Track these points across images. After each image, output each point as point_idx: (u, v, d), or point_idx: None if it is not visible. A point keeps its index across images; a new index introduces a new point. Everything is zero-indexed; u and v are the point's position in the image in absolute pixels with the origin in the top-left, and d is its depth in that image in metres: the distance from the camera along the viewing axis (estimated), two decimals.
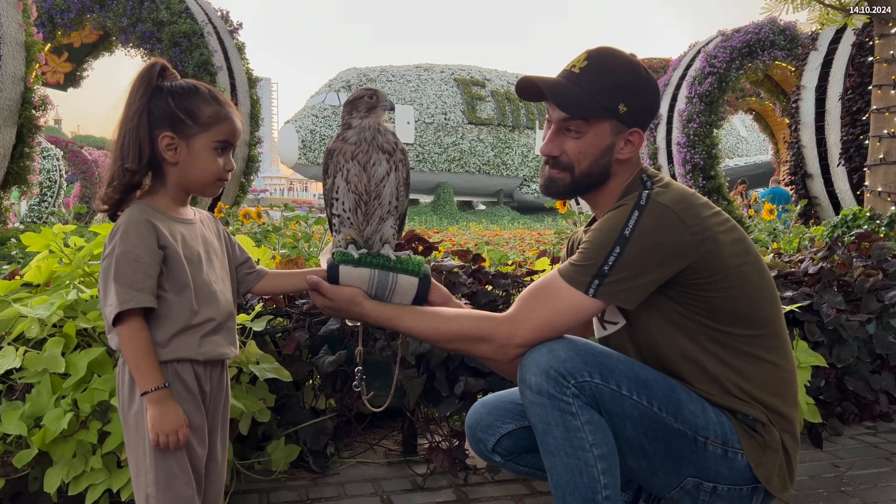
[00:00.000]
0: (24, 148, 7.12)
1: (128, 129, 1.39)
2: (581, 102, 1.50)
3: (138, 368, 1.33)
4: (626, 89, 1.51)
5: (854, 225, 5.40)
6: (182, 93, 1.42)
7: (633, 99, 1.51)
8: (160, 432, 1.31)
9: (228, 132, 1.44)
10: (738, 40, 12.68)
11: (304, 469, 2.38)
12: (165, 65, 1.45)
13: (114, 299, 1.31)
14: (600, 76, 1.51)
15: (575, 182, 1.57)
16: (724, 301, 1.46)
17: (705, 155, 12.38)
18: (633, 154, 1.56)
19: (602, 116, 1.51)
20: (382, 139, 1.52)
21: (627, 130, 1.53)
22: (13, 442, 1.92)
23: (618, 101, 1.50)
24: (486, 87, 32.94)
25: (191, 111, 1.40)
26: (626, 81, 1.51)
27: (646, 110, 1.55)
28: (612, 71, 1.51)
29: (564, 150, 1.55)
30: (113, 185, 1.39)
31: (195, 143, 1.41)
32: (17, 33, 6.73)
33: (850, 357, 2.76)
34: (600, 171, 1.56)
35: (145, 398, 1.32)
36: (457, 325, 1.51)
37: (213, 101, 1.43)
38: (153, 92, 1.41)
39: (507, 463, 1.70)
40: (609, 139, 1.53)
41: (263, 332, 2.30)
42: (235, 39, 11.55)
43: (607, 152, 1.54)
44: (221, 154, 1.44)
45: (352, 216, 1.56)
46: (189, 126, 1.40)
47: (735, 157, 31.89)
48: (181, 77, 1.47)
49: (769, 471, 1.46)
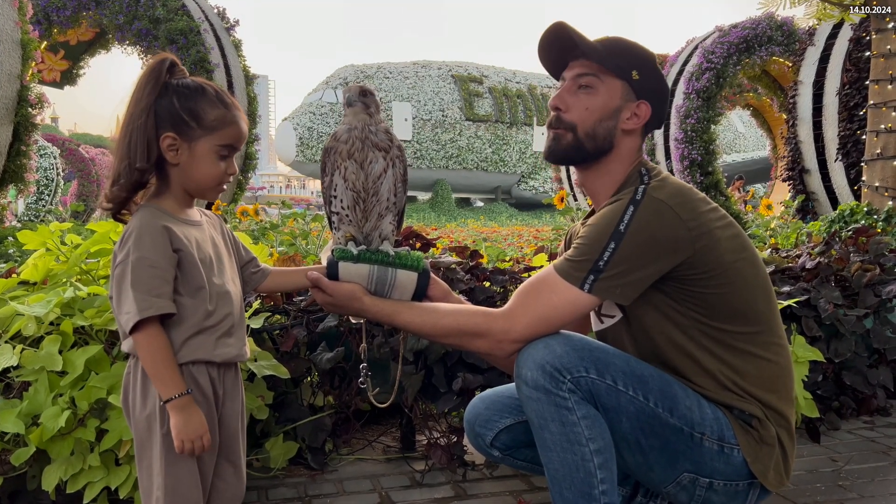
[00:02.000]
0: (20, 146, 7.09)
1: (135, 127, 1.34)
2: (598, 54, 1.55)
3: (159, 376, 1.30)
4: (640, 60, 1.57)
5: (851, 220, 5.40)
6: (188, 93, 1.38)
7: (646, 71, 1.57)
8: (185, 439, 1.29)
9: (233, 137, 1.41)
10: (736, 36, 12.67)
11: (303, 466, 2.38)
12: (175, 60, 1.41)
13: (132, 307, 1.28)
14: (617, 45, 1.58)
15: (577, 142, 1.57)
16: (719, 297, 1.46)
17: (703, 151, 12.37)
18: (637, 126, 1.57)
19: (615, 73, 1.55)
20: (375, 137, 1.52)
21: (636, 101, 1.56)
22: (11, 440, 1.92)
23: (632, 66, 1.55)
24: (483, 83, 32.91)
25: (195, 113, 1.37)
26: (641, 55, 1.58)
27: (657, 87, 1.59)
28: (629, 45, 1.60)
29: (571, 107, 1.57)
30: (119, 184, 1.36)
31: (197, 146, 1.38)
32: (13, 31, 6.71)
33: (847, 352, 2.77)
34: (604, 136, 1.56)
35: (168, 406, 1.30)
36: (453, 321, 1.51)
37: (220, 104, 1.40)
38: (161, 89, 1.37)
39: (505, 457, 1.70)
40: (618, 101, 1.56)
41: (261, 330, 2.30)
42: (232, 36, 11.52)
43: (614, 115, 1.56)
44: (224, 158, 1.41)
45: (350, 213, 1.56)
46: (192, 128, 1.37)
47: (733, 152, 31.89)
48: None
49: (765, 466, 1.46)
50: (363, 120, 1.53)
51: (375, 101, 1.57)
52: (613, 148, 1.58)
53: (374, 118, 1.55)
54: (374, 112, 1.55)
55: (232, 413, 1.46)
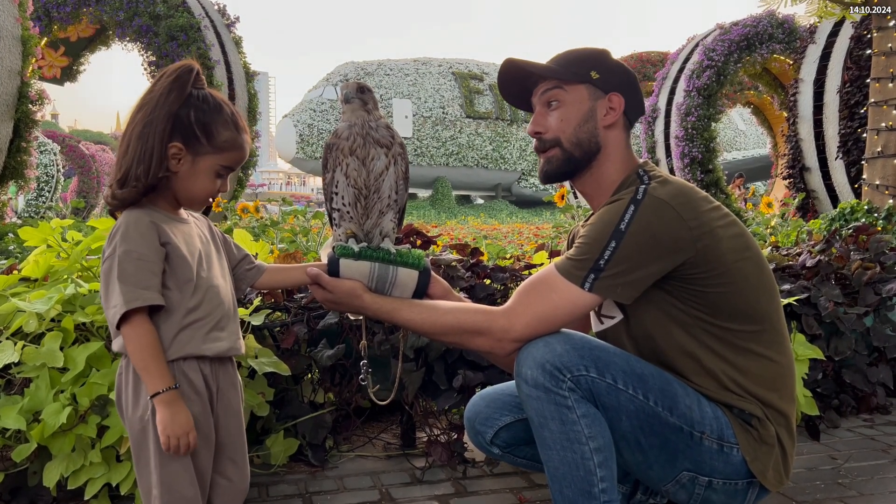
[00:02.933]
0: (21, 142, 7.09)
1: (154, 132, 1.34)
2: (552, 70, 1.60)
3: (146, 370, 1.29)
4: (593, 60, 1.60)
5: (852, 218, 5.40)
6: (206, 109, 1.38)
7: (602, 66, 1.60)
8: (171, 435, 1.28)
9: (236, 160, 1.43)
10: (737, 34, 12.66)
11: (303, 463, 2.38)
12: (199, 70, 1.41)
13: (119, 299, 1.28)
14: (568, 56, 1.64)
15: (567, 155, 1.59)
16: (722, 296, 1.46)
17: (703, 148, 12.37)
18: (616, 118, 1.59)
19: (575, 80, 1.57)
20: (377, 134, 1.52)
21: (605, 95, 1.58)
22: (12, 436, 1.92)
23: (587, 68, 1.58)
24: (484, 80, 32.85)
25: (209, 130, 1.37)
26: (593, 56, 1.62)
27: (620, 78, 1.61)
28: (578, 52, 1.65)
29: (548, 126, 1.60)
30: (133, 187, 1.35)
31: (201, 161, 1.39)
32: (13, 27, 6.70)
33: (847, 350, 2.77)
34: (588, 139, 1.58)
35: (155, 400, 1.29)
36: (454, 319, 1.51)
37: (232, 127, 1.41)
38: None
39: (505, 455, 1.70)
40: (588, 103, 1.58)
41: (262, 327, 2.30)
42: (232, 33, 11.52)
43: (590, 117, 1.58)
44: (221, 177, 1.43)
45: (351, 210, 1.56)
46: (202, 144, 1.38)
47: (733, 150, 31.86)
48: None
49: (764, 465, 1.47)
50: (361, 117, 1.53)
51: (373, 98, 1.56)
52: (601, 147, 1.59)
53: (373, 114, 1.54)
54: (373, 108, 1.55)
55: (229, 410, 1.45)
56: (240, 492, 1.48)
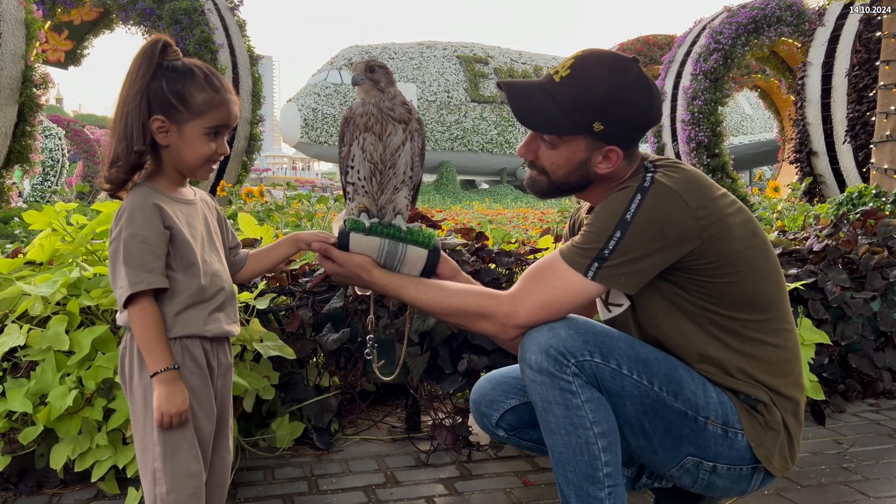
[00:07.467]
0: (25, 126, 7.10)
1: (130, 109, 1.36)
2: (551, 120, 1.46)
3: (149, 349, 1.33)
4: (602, 109, 1.43)
5: (859, 202, 5.37)
6: (176, 76, 1.38)
7: (611, 118, 1.44)
8: (165, 413, 1.32)
9: (222, 118, 1.41)
10: (744, 16, 12.54)
11: (309, 446, 2.39)
12: (168, 42, 1.41)
13: (124, 282, 1.31)
14: (578, 91, 1.44)
15: (553, 186, 1.56)
16: (729, 286, 1.45)
17: (710, 132, 12.30)
18: (611, 170, 1.50)
19: (575, 134, 1.47)
20: (392, 112, 1.51)
21: (605, 147, 1.48)
22: (19, 419, 1.93)
23: (592, 119, 1.43)
24: (489, 64, 32.71)
25: (182, 96, 1.37)
26: (604, 102, 1.42)
27: (626, 128, 1.47)
28: (592, 87, 1.43)
29: (539, 156, 1.54)
30: (118, 166, 1.37)
31: (185, 129, 1.39)
32: (17, 10, 6.68)
33: (854, 334, 2.76)
34: (578, 181, 1.54)
35: (155, 379, 1.33)
36: (459, 301, 1.51)
37: (208, 87, 1.39)
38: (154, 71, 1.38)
39: (510, 437, 1.70)
40: (583, 154, 1.49)
41: (267, 311, 2.31)
42: (236, 16, 11.45)
43: (582, 166, 1.51)
44: (214, 138, 1.42)
45: (366, 185, 1.55)
46: (180, 112, 1.37)
47: (740, 134, 31.68)
48: (182, 55, 1.44)
49: (770, 451, 1.46)
50: (375, 96, 1.51)
51: (386, 74, 1.53)
52: (594, 181, 1.54)
53: (387, 92, 1.52)
54: (386, 86, 1.51)
55: (224, 389, 1.50)
56: (228, 468, 1.53)
